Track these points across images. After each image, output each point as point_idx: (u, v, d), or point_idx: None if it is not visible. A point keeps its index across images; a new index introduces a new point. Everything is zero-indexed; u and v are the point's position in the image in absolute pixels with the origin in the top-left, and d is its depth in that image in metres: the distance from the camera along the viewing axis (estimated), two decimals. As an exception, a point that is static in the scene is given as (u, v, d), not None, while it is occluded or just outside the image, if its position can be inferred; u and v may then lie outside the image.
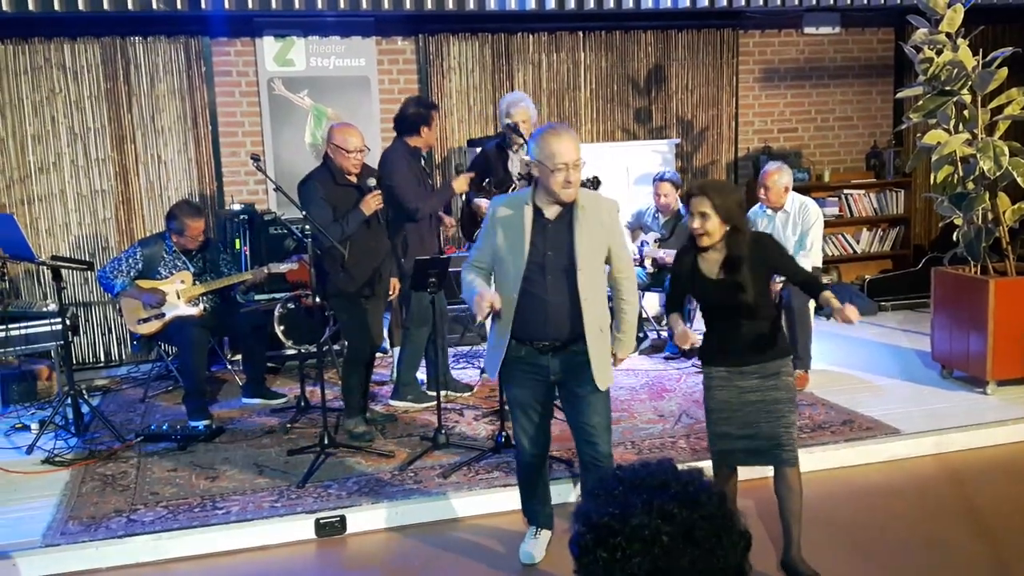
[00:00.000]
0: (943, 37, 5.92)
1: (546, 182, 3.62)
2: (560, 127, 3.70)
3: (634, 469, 1.48)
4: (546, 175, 3.60)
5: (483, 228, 3.86)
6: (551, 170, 3.58)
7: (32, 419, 5.93)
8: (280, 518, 4.46)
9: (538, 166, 3.61)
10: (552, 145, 3.57)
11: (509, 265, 3.72)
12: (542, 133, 3.65)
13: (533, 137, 3.69)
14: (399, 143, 5.84)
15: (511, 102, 6.16)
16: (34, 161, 7.29)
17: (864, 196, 8.94)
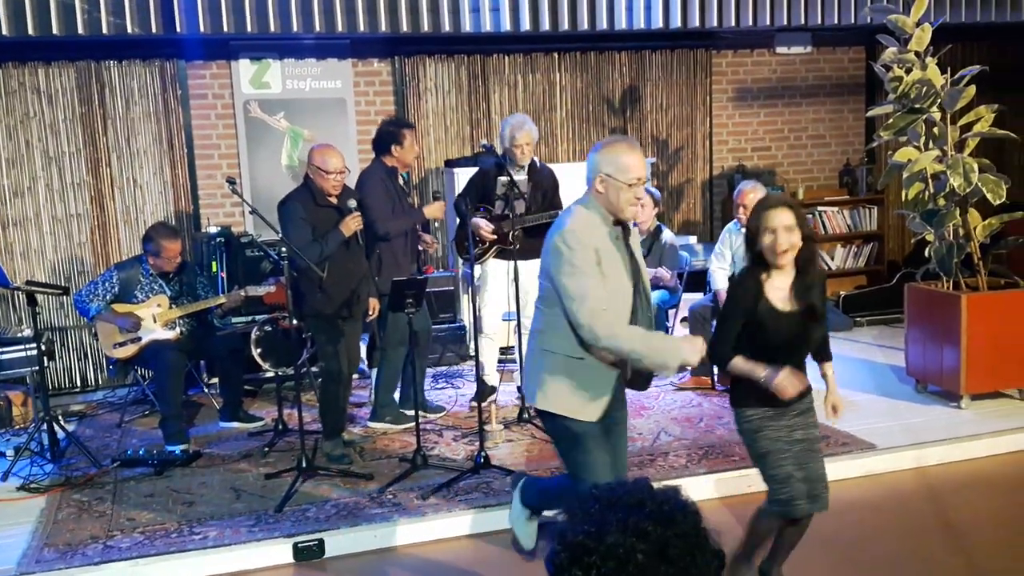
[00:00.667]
0: (912, 56, 6.02)
1: (614, 198, 3.37)
2: (629, 139, 3.53)
3: (610, 488, 1.49)
4: (615, 190, 3.35)
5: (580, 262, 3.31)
6: (625, 185, 3.34)
7: (7, 445, 5.87)
8: (258, 543, 4.43)
9: (605, 180, 3.35)
10: (625, 158, 3.35)
11: (618, 294, 3.42)
12: (612, 144, 3.42)
13: (597, 148, 3.43)
14: (376, 163, 5.92)
15: (515, 125, 6.14)
16: (8, 185, 7.25)
17: (838, 213, 9.03)
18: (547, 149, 8.36)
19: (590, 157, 3.43)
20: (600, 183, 3.36)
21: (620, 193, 3.35)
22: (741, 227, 6.40)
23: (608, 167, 3.34)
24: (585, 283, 3.29)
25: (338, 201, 5.33)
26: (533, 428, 5.84)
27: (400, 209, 5.87)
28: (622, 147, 3.39)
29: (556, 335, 3.44)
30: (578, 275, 3.30)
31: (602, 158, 3.37)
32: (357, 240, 5.43)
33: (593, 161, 3.40)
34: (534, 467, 5.18)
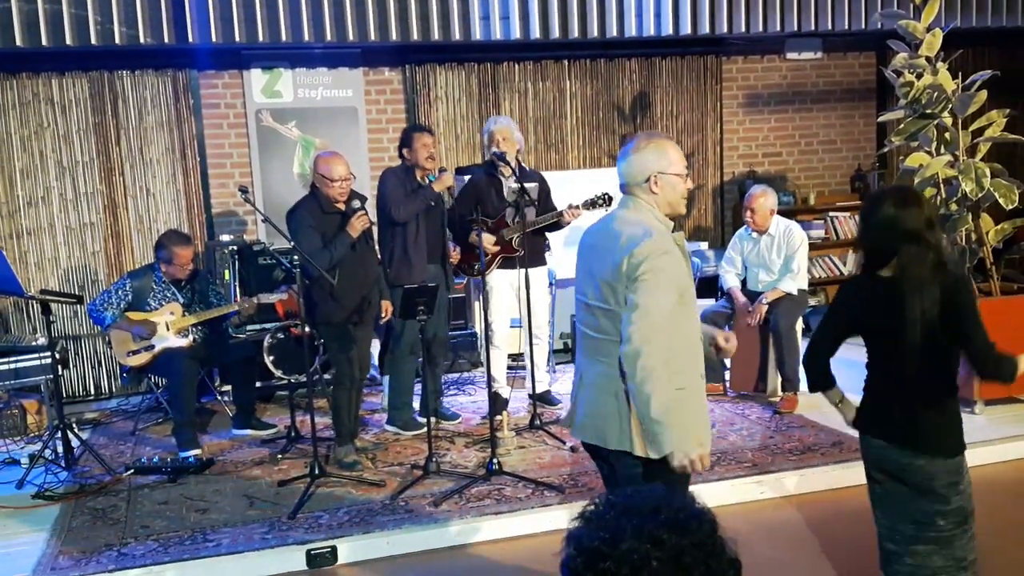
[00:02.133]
0: (923, 61, 6.01)
1: (671, 195, 3.10)
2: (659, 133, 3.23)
3: (626, 494, 1.49)
4: (671, 186, 3.09)
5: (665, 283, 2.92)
6: (681, 177, 3.11)
7: (22, 453, 5.91)
8: (271, 549, 4.44)
9: (660, 177, 3.06)
10: (671, 151, 3.11)
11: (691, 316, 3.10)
12: (654, 141, 3.13)
13: (638, 149, 3.10)
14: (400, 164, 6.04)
15: (489, 122, 6.27)
16: (23, 195, 7.30)
17: (849, 218, 9.00)
18: (557, 156, 8.38)
19: (632, 160, 3.09)
20: (655, 183, 3.06)
21: (677, 187, 3.10)
22: (751, 231, 6.40)
23: (659, 163, 3.07)
24: (661, 300, 2.91)
25: (345, 207, 5.36)
26: (545, 435, 5.85)
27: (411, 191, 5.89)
28: (664, 141, 3.14)
29: None
30: (660, 290, 2.91)
31: (650, 157, 3.07)
32: (366, 241, 5.46)
33: (639, 163, 3.07)
34: (546, 474, 5.19)
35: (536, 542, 4.61)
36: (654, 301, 2.89)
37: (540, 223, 6.08)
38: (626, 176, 3.12)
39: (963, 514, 3.04)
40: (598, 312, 3.05)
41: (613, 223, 3.10)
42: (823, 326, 3.29)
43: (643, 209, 3.08)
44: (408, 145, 5.93)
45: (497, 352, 6.23)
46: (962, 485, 3.03)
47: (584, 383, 3.18)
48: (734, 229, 8.39)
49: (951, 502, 3.01)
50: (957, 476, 3.02)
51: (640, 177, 3.08)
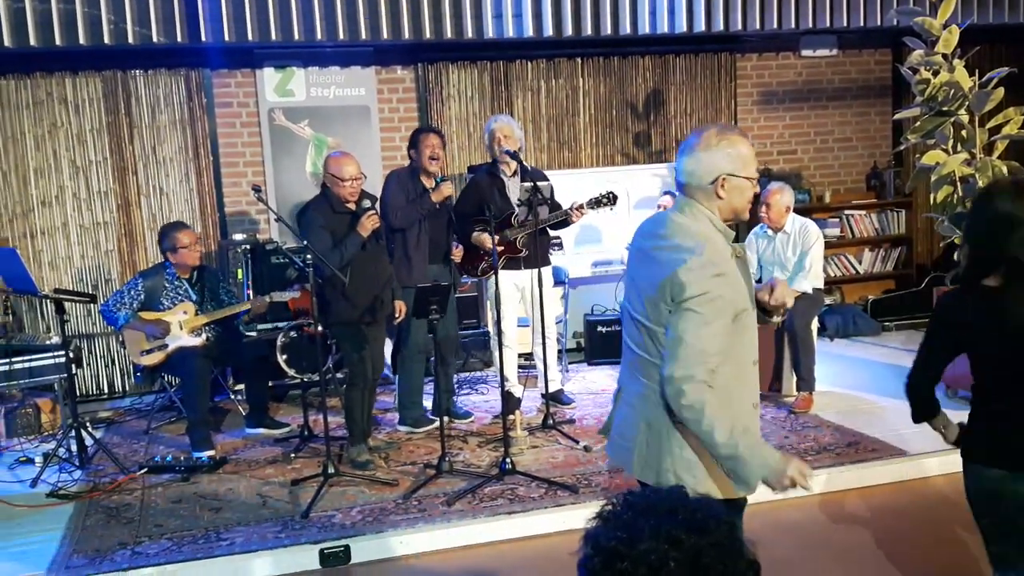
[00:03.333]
0: (939, 58, 5.97)
1: (738, 201, 2.68)
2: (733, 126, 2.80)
3: (644, 494, 1.48)
4: (740, 191, 2.66)
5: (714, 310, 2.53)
6: (752, 182, 2.69)
7: (36, 452, 5.92)
8: (284, 548, 4.43)
9: (729, 180, 2.64)
10: (746, 149, 2.66)
11: (747, 331, 2.70)
12: (729, 136, 2.67)
13: (708, 145, 2.65)
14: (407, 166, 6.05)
15: (490, 121, 6.25)
16: (36, 195, 7.32)
17: (865, 216, 8.95)
18: (570, 154, 8.35)
19: (700, 158, 2.65)
20: (722, 186, 2.63)
21: (745, 193, 2.67)
22: (767, 229, 6.37)
23: (732, 164, 2.63)
24: (709, 333, 2.53)
25: (356, 207, 5.35)
26: (558, 434, 5.83)
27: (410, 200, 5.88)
28: (738, 137, 2.68)
29: None
30: (708, 321, 2.53)
31: (722, 155, 2.63)
32: (377, 240, 5.45)
33: (708, 162, 2.64)
34: (559, 474, 5.16)
35: (549, 542, 4.59)
36: (701, 334, 2.52)
37: (546, 223, 6.06)
38: (689, 175, 2.68)
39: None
40: (640, 327, 2.72)
41: (663, 228, 2.70)
42: (924, 349, 2.88)
43: (700, 216, 2.67)
44: (415, 146, 5.95)
45: (508, 351, 6.21)
46: None
47: (622, 398, 2.89)
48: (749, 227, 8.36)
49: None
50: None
51: (707, 178, 2.64)
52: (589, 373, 7.45)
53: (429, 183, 5.92)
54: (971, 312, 2.71)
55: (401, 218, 5.78)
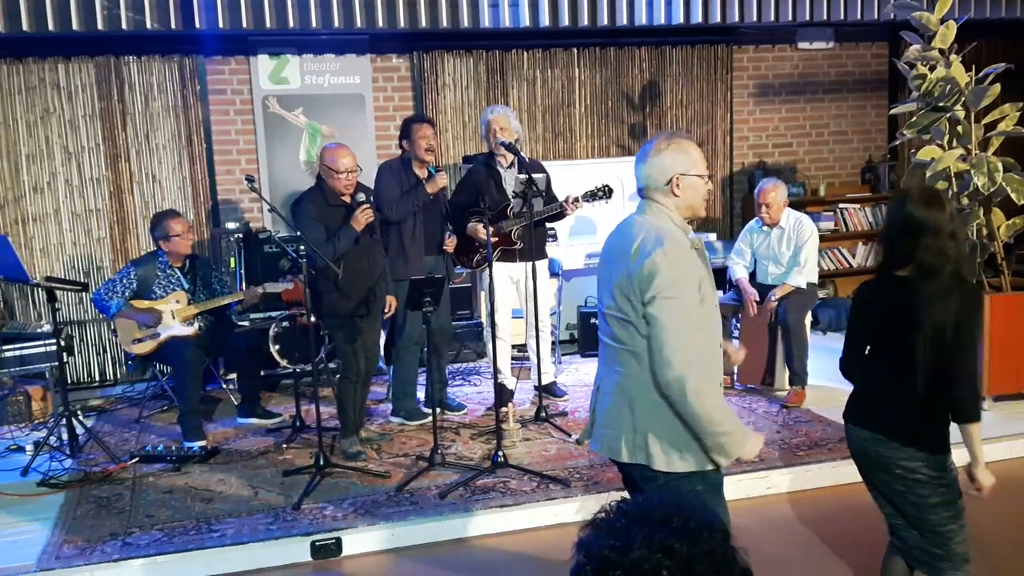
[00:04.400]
0: (936, 53, 5.95)
1: (693, 197, 2.95)
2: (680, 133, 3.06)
3: (637, 502, 1.46)
4: (693, 188, 2.94)
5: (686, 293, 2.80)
6: (703, 178, 2.97)
7: (26, 440, 5.90)
8: (276, 540, 4.43)
9: (683, 179, 2.91)
10: (693, 150, 2.96)
11: (712, 320, 2.95)
12: (677, 141, 2.96)
13: (658, 151, 2.94)
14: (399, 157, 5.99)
15: (486, 112, 6.21)
16: (28, 181, 7.28)
17: (859, 210, 8.95)
18: (565, 145, 8.33)
19: (652, 162, 2.93)
20: (677, 185, 2.91)
21: (699, 189, 2.95)
22: (763, 225, 6.36)
23: (683, 164, 2.91)
24: (688, 321, 2.79)
25: (351, 199, 5.32)
26: (550, 427, 5.82)
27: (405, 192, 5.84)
28: (685, 141, 2.97)
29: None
30: (682, 309, 2.78)
31: (673, 158, 2.92)
32: (371, 234, 5.42)
33: (660, 165, 2.92)
34: (551, 467, 5.16)
35: (541, 535, 4.60)
36: (680, 318, 2.77)
37: (542, 215, 6.03)
38: (646, 179, 2.96)
39: (950, 505, 3.07)
40: (613, 321, 2.94)
41: (629, 228, 2.96)
42: (847, 332, 3.29)
43: (660, 214, 2.94)
44: (407, 136, 5.89)
45: (502, 344, 6.20)
46: (946, 479, 3.05)
47: (601, 393, 3.07)
48: (743, 220, 8.36)
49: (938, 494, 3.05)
50: (941, 470, 3.04)
51: (662, 180, 2.92)
52: (582, 365, 7.44)
53: (422, 173, 5.89)
54: (880, 298, 3.10)
55: (396, 210, 5.76)
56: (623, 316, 2.89)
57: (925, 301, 2.95)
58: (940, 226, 2.98)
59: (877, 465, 3.13)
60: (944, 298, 2.94)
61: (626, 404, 2.92)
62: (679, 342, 2.76)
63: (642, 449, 2.88)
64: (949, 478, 3.06)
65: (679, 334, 2.76)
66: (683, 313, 2.78)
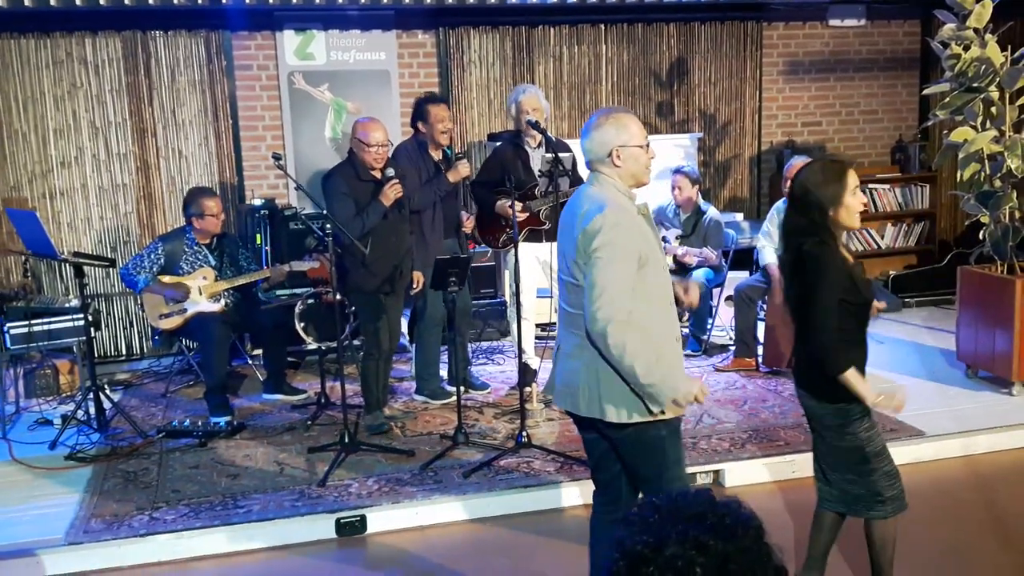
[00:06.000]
0: (971, 33, 5.84)
1: (634, 166, 3.15)
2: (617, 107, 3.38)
3: (671, 498, 1.45)
4: (634, 158, 3.14)
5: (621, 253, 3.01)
6: (643, 148, 3.17)
7: (54, 414, 5.96)
8: (301, 517, 4.46)
9: (622, 150, 3.13)
10: (631, 123, 3.16)
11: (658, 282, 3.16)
12: (612, 116, 3.18)
13: (598, 126, 3.16)
14: (412, 138, 5.93)
15: (516, 91, 6.12)
16: (56, 155, 7.31)
17: (889, 191, 8.84)
18: (592, 123, 8.25)
19: (592, 137, 3.17)
20: (617, 156, 3.12)
21: (639, 159, 3.16)
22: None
23: (620, 137, 3.13)
24: (616, 274, 2.99)
25: (381, 174, 5.31)
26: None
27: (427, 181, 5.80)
28: (623, 115, 3.19)
29: None
30: (614, 264, 2.99)
31: (609, 131, 3.14)
32: (399, 210, 5.41)
33: (600, 138, 3.15)
34: (574, 447, 5.15)
35: (564, 516, 4.61)
36: (609, 276, 2.98)
37: (568, 196, 5.97)
38: (589, 152, 3.20)
39: (861, 454, 3.38)
40: (569, 286, 3.19)
41: (579, 199, 3.21)
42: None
43: (606, 184, 3.16)
44: (423, 118, 5.80)
45: (526, 323, 6.18)
46: (850, 429, 3.36)
47: (561, 353, 3.32)
48: (771, 200, 8.28)
49: (845, 440, 3.38)
50: (843, 419, 3.35)
51: (602, 152, 3.15)
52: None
53: (437, 154, 5.85)
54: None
55: (418, 200, 5.70)
56: (576, 282, 3.12)
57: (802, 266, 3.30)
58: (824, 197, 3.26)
59: (808, 417, 3.56)
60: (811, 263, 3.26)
61: (583, 364, 3.14)
62: (605, 300, 2.97)
63: (596, 404, 3.13)
64: (853, 427, 3.36)
65: (608, 293, 2.97)
66: (614, 273, 2.98)
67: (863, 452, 3.38)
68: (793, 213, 3.39)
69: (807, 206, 3.30)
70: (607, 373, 3.08)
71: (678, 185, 6.88)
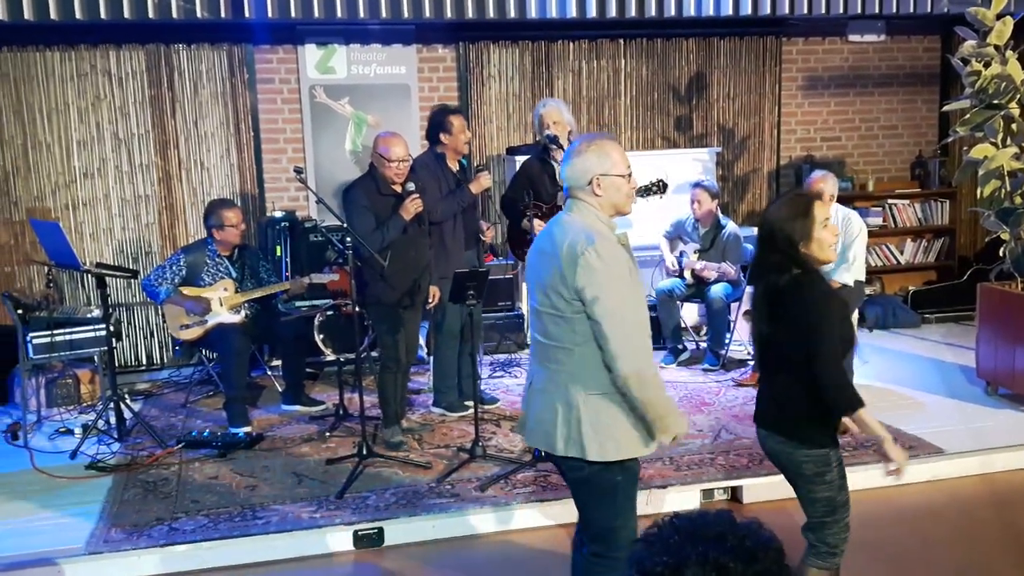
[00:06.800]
0: (991, 50, 5.84)
1: (615, 196, 3.09)
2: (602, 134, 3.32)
3: (691, 518, 1.46)
4: (615, 187, 3.08)
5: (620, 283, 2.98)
6: (625, 178, 3.11)
7: (75, 423, 6.01)
8: (319, 529, 4.48)
9: (603, 179, 3.05)
10: (613, 152, 3.09)
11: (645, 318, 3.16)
12: (594, 143, 3.12)
13: (579, 153, 3.10)
14: (429, 151, 5.94)
15: (539, 105, 6.16)
16: (79, 166, 7.39)
17: (908, 206, 8.81)
18: (610, 137, 8.28)
19: (574, 164, 3.09)
20: (598, 185, 3.05)
21: (621, 188, 3.09)
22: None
23: (601, 166, 3.05)
24: (628, 315, 2.97)
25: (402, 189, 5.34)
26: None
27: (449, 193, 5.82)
28: (605, 142, 3.12)
29: (596, 371, 3.02)
30: (622, 305, 2.96)
31: (591, 159, 3.06)
32: (419, 225, 5.43)
33: (581, 166, 3.07)
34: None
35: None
36: (622, 314, 2.95)
37: None
38: (569, 180, 3.12)
39: (832, 504, 3.22)
40: (546, 318, 3.09)
41: (556, 228, 3.11)
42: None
43: (586, 212, 3.08)
44: (446, 130, 5.80)
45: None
46: (828, 477, 3.20)
47: (534, 388, 3.22)
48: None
49: (819, 491, 3.21)
50: (824, 468, 3.19)
51: (583, 180, 3.07)
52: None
53: (454, 165, 5.88)
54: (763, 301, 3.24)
55: (440, 212, 5.72)
56: (557, 313, 3.03)
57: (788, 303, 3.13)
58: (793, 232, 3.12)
59: (774, 461, 3.34)
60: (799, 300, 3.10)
61: (559, 400, 3.07)
62: (625, 337, 2.94)
63: (576, 441, 3.03)
64: (831, 475, 3.21)
65: (623, 329, 2.95)
66: (623, 308, 2.96)
67: (834, 503, 3.23)
68: (764, 251, 3.23)
69: (775, 243, 3.16)
70: (584, 407, 3.02)
71: (698, 199, 6.89)
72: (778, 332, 3.17)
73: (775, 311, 3.17)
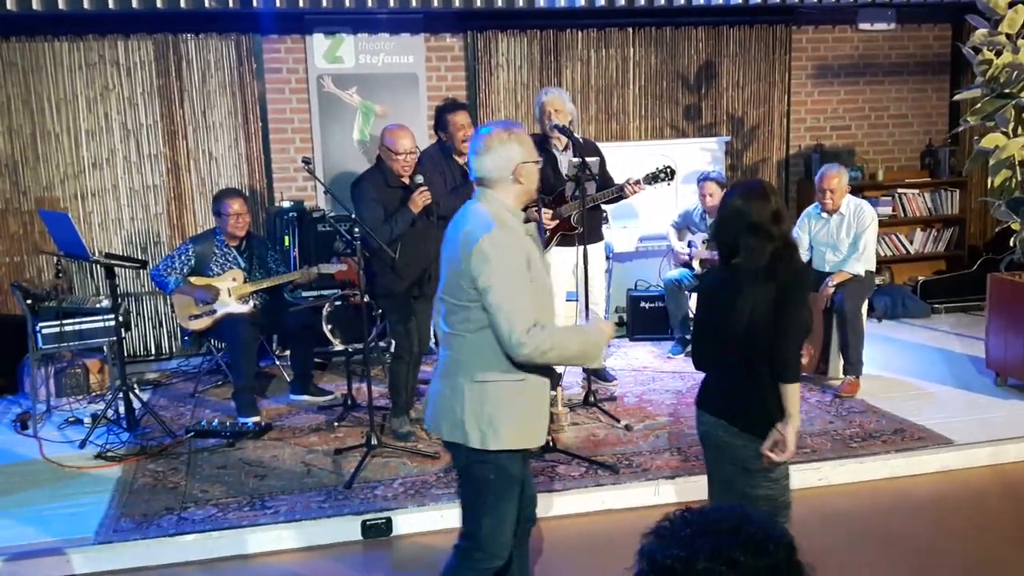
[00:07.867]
0: (1003, 38, 5.80)
1: (530, 182, 3.13)
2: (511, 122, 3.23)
3: (703, 512, 1.46)
4: (530, 174, 3.12)
5: (515, 267, 2.96)
6: (537, 163, 3.16)
7: (84, 412, 6.03)
8: (327, 519, 4.49)
9: (522, 167, 3.08)
10: (527, 140, 3.13)
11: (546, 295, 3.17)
12: (511, 132, 3.10)
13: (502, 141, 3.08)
14: (436, 143, 5.92)
15: (541, 93, 6.11)
16: (88, 156, 7.39)
17: (918, 196, 8.77)
18: (618, 126, 8.26)
19: (497, 153, 3.06)
20: (521, 174, 3.06)
21: (534, 175, 3.15)
22: (822, 212, 6.27)
23: (522, 154, 3.07)
24: (522, 294, 2.95)
25: (410, 181, 5.33)
26: (599, 412, 5.81)
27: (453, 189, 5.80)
28: (522, 132, 3.14)
29: (491, 359, 3.02)
30: (513, 285, 2.94)
31: (514, 149, 3.05)
32: (427, 217, 5.42)
33: (506, 155, 3.05)
34: (599, 452, 5.16)
35: (588, 521, 4.61)
36: (515, 297, 2.93)
37: (600, 199, 5.96)
38: (489, 171, 3.09)
39: (773, 504, 3.13)
40: (445, 303, 3.12)
41: (463, 217, 3.11)
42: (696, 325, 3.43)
43: (494, 201, 3.08)
44: (443, 128, 5.75)
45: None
46: (775, 473, 3.14)
47: (436, 374, 3.24)
48: (799, 203, 8.25)
49: (762, 488, 3.13)
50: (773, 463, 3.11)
51: (507, 170, 3.07)
52: (631, 349, 7.42)
53: (462, 160, 5.85)
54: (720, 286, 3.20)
55: (444, 207, 5.70)
56: (454, 301, 3.05)
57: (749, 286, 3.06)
58: (760, 217, 3.07)
59: (717, 451, 3.25)
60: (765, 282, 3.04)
61: (447, 386, 3.11)
62: (519, 320, 2.90)
63: (460, 428, 3.06)
64: (778, 473, 3.15)
65: (517, 314, 2.91)
66: (516, 292, 2.93)
67: (775, 503, 3.14)
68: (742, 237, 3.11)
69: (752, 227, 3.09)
70: (467, 394, 3.03)
71: (708, 192, 6.86)
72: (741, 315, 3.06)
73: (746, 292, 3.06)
